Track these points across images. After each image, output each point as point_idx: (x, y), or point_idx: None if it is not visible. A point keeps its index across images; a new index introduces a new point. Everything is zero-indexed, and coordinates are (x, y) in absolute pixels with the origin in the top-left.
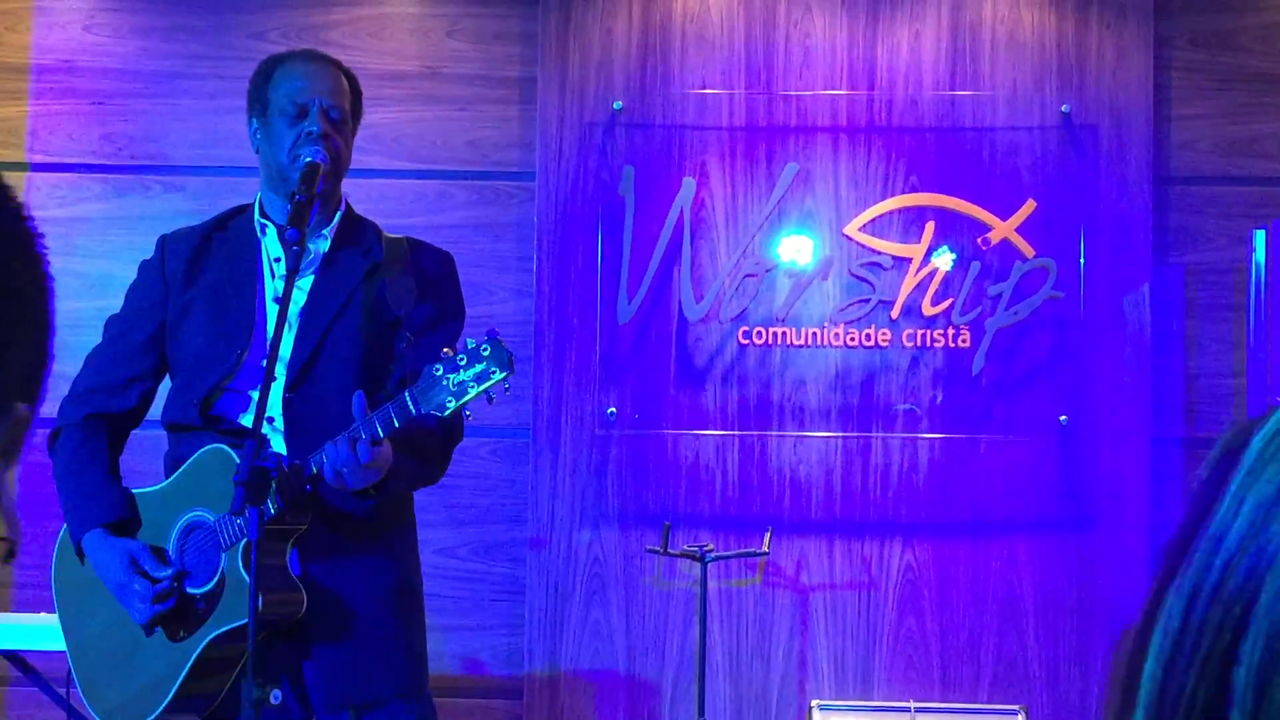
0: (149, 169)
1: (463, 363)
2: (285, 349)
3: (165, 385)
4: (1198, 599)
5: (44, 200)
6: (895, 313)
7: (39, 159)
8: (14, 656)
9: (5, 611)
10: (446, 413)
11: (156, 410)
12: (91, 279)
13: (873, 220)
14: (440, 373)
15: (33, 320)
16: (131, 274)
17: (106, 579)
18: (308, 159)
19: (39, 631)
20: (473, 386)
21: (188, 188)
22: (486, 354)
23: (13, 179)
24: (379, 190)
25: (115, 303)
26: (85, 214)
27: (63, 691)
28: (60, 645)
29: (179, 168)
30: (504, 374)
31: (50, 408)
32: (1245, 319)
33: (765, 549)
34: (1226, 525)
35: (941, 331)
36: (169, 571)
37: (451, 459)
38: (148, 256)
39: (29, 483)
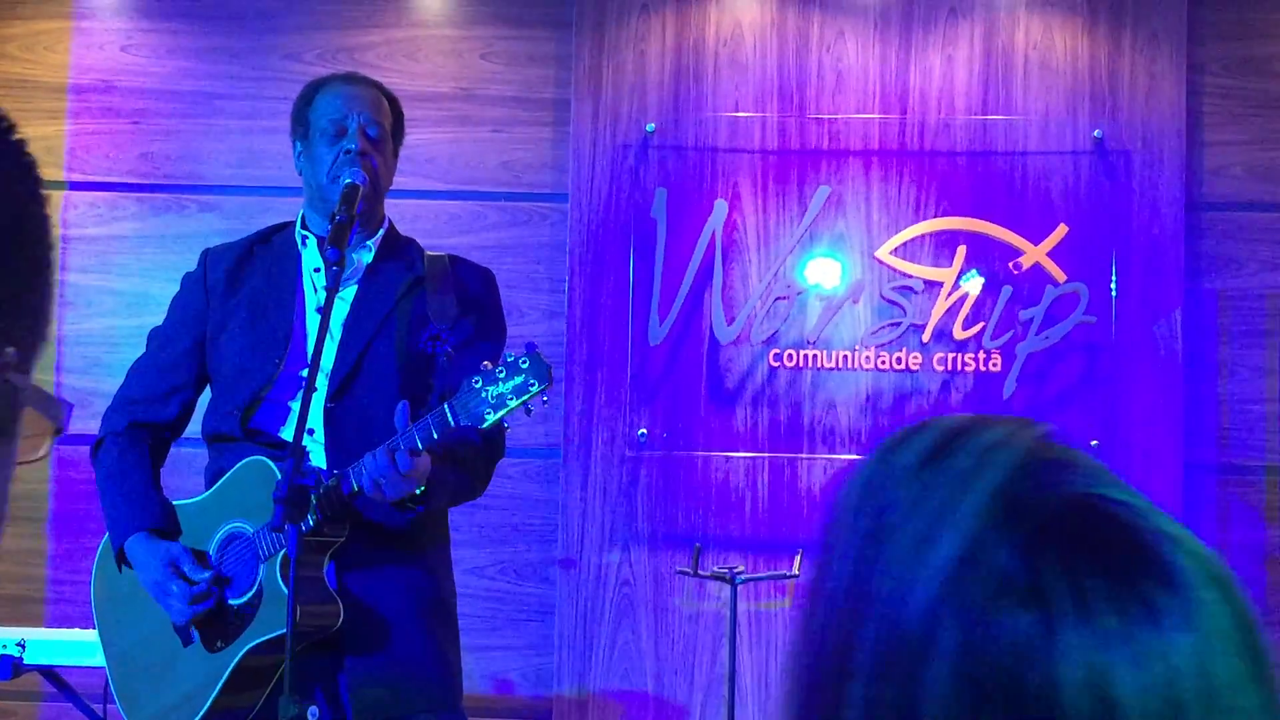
0: (185, 188)
1: (501, 375)
2: (327, 360)
3: (206, 397)
4: (816, 658)
5: (81, 219)
6: (926, 336)
7: (76, 178)
8: (48, 672)
9: (40, 627)
10: (485, 424)
11: (194, 427)
12: (128, 297)
13: (904, 244)
14: (479, 385)
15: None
16: (167, 292)
17: (145, 581)
18: (347, 180)
19: (73, 647)
20: (511, 399)
21: (223, 207)
22: (525, 366)
23: (50, 197)
24: (412, 210)
25: (152, 320)
26: (122, 233)
27: (97, 708)
28: (94, 660)
29: (215, 187)
30: (542, 386)
31: (94, 424)
32: (1277, 345)
33: (796, 571)
34: (833, 580)
35: (972, 355)
36: (208, 575)
37: (493, 475)
38: (191, 269)
39: (64, 498)
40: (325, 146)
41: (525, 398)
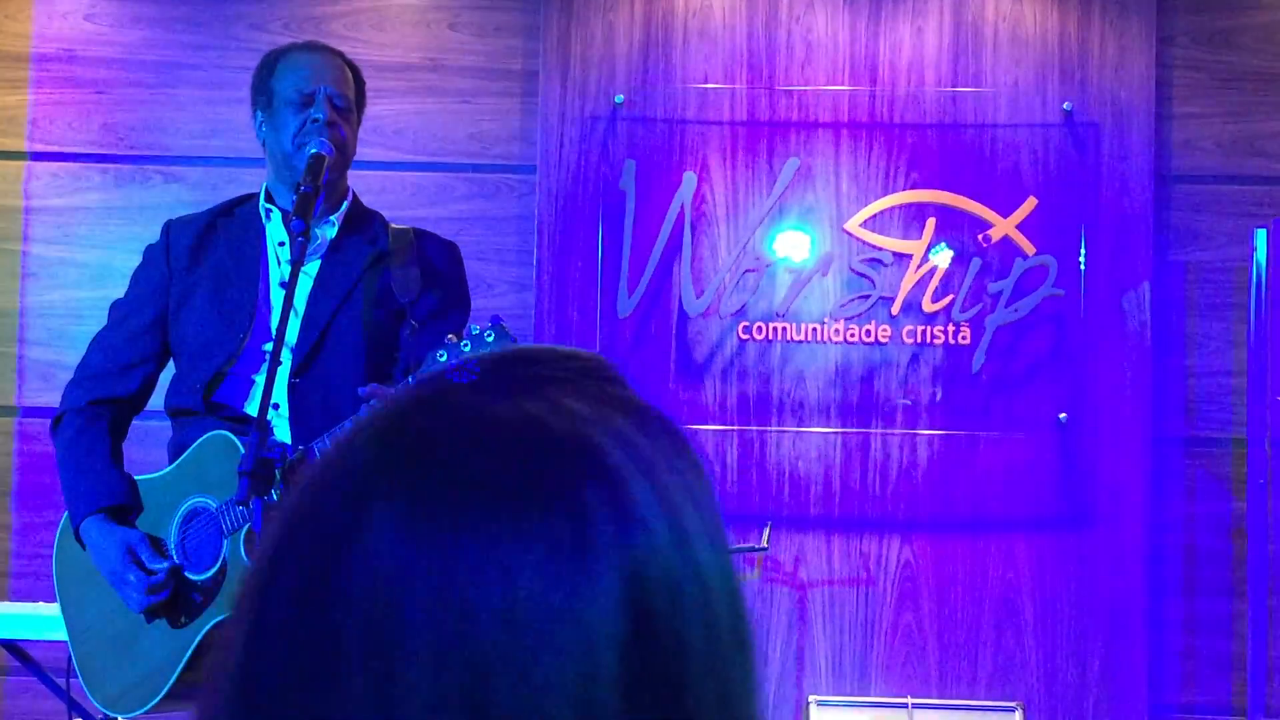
0: (149, 159)
1: (466, 349)
2: (291, 335)
3: (169, 372)
4: None
5: (44, 190)
6: (895, 309)
7: (39, 148)
8: (12, 646)
9: (3, 601)
10: None
11: (157, 401)
12: (91, 269)
13: (873, 216)
14: (443, 359)
15: None
16: (131, 264)
17: (102, 567)
18: (313, 150)
19: (37, 621)
20: None
21: (188, 178)
22: (491, 340)
23: (12, 168)
24: (380, 182)
25: (115, 292)
26: (85, 204)
27: (61, 682)
28: (59, 635)
29: (179, 158)
30: None
31: (57, 397)
32: (1246, 318)
33: (764, 544)
34: None
35: (942, 328)
36: (165, 565)
37: None
38: (153, 241)
39: (27, 471)
40: (291, 115)
41: None
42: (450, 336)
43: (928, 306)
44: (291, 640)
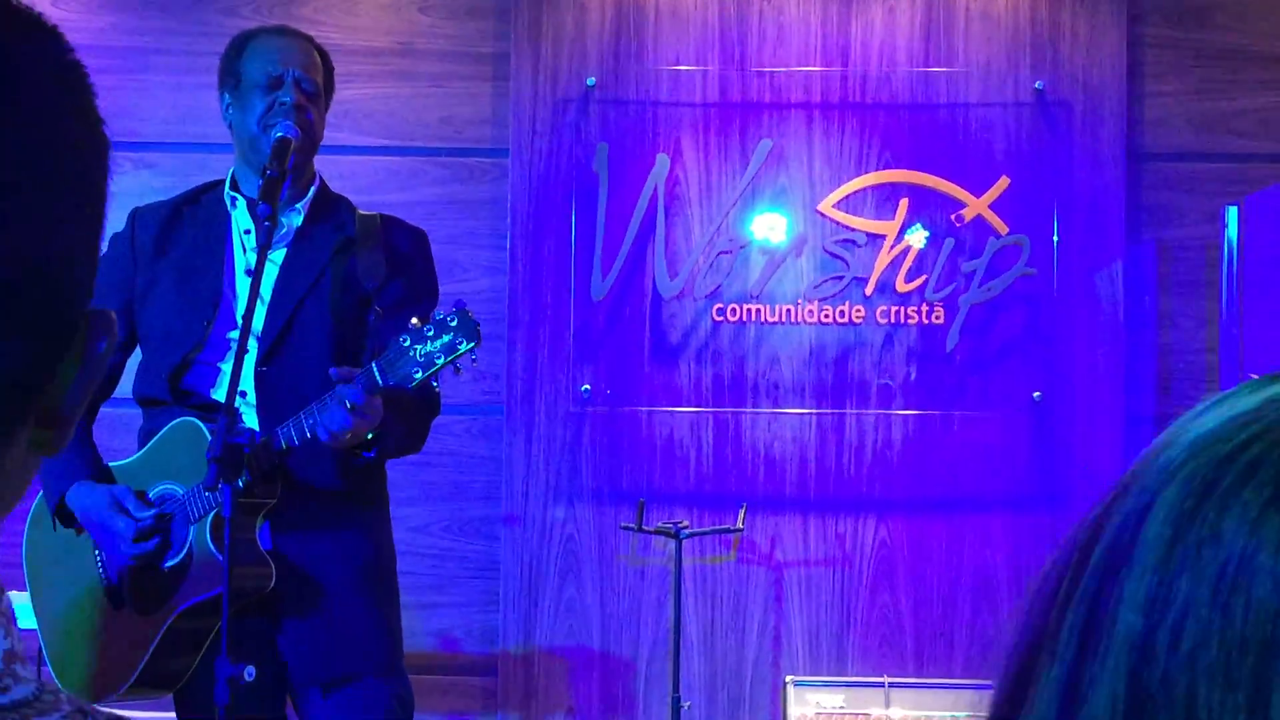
0: (119, 145)
1: (430, 334)
2: (257, 322)
3: (136, 359)
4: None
5: None
6: (869, 289)
7: None
8: None
9: None
10: (413, 384)
11: (126, 388)
12: None
13: (846, 197)
14: (407, 344)
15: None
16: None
17: (89, 522)
18: (279, 133)
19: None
20: (440, 357)
21: (158, 164)
22: (454, 325)
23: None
24: (351, 167)
25: None
26: None
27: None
28: (28, 622)
29: (149, 144)
30: (471, 345)
31: None
32: (1218, 295)
33: (740, 525)
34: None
35: (915, 308)
36: (152, 512)
37: (430, 432)
38: (118, 230)
39: None
40: (258, 98)
41: (453, 356)
42: (414, 321)
43: (901, 287)
44: (1195, 645)
